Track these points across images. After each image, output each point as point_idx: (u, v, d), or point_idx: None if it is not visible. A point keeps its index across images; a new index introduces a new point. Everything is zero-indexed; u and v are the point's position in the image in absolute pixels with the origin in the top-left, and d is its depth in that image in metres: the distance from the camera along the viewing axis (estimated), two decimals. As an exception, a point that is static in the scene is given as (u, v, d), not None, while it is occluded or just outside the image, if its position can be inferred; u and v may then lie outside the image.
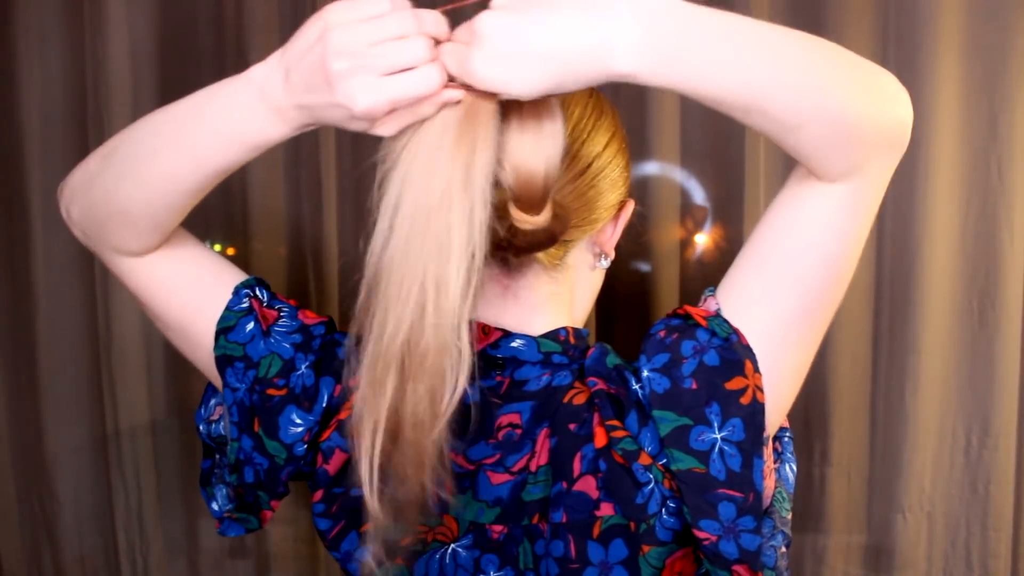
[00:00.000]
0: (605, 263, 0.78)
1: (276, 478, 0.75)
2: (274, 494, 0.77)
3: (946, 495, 1.52)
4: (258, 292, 0.78)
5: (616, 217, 0.77)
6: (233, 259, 1.63)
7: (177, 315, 0.77)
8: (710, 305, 0.70)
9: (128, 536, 1.67)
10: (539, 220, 0.64)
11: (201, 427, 0.83)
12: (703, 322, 0.68)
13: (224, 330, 0.75)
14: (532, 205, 0.63)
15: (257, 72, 0.61)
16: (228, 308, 0.76)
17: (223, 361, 0.75)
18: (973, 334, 1.48)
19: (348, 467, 0.73)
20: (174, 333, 0.79)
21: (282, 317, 0.78)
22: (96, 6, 1.56)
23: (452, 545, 0.72)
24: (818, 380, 1.52)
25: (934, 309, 1.48)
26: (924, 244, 1.47)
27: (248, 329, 0.75)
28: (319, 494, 0.74)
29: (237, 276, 0.79)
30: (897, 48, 1.47)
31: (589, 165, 0.71)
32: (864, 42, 1.47)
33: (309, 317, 0.79)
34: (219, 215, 1.61)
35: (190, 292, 0.77)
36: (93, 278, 1.62)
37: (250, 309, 0.76)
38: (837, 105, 0.58)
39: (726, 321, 0.67)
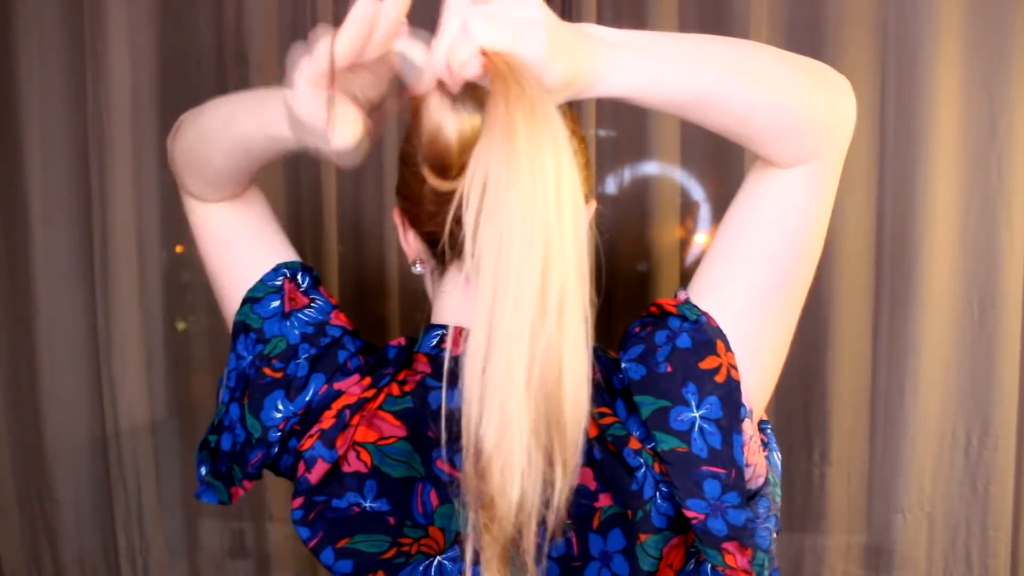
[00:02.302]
0: None
1: (246, 456, 0.76)
2: (245, 472, 0.77)
3: (946, 495, 1.52)
4: (299, 277, 0.81)
5: None
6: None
7: (212, 264, 0.82)
8: (680, 296, 0.73)
9: (128, 536, 1.67)
10: (453, 185, 0.62)
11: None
12: (674, 310, 0.70)
13: (251, 300, 0.78)
14: (444, 170, 0.62)
15: None
16: (262, 280, 0.79)
17: (240, 327, 0.78)
18: (973, 334, 1.48)
19: (334, 479, 0.73)
20: (210, 277, 0.84)
21: (311, 308, 0.80)
22: (96, 6, 1.56)
23: (438, 558, 0.72)
24: (818, 380, 1.52)
25: (934, 309, 1.48)
26: (924, 244, 1.47)
27: (272, 306, 0.78)
28: (299, 501, 0.73)
29: (284, 254, 0.82)
30: (897, 48, 1.47)
31: None
32: (864, 42, 1.47)
33: (339, 319, 0.80)
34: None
35: (229, 250, 0.81)
36: (93, 278, 1.62)
37: (280, 288, 0.78)
38: (782, 90, 0.62)
39: (695, 306, 0.70)
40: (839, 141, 0.67)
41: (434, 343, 0.74)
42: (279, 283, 0.79)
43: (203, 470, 0.84)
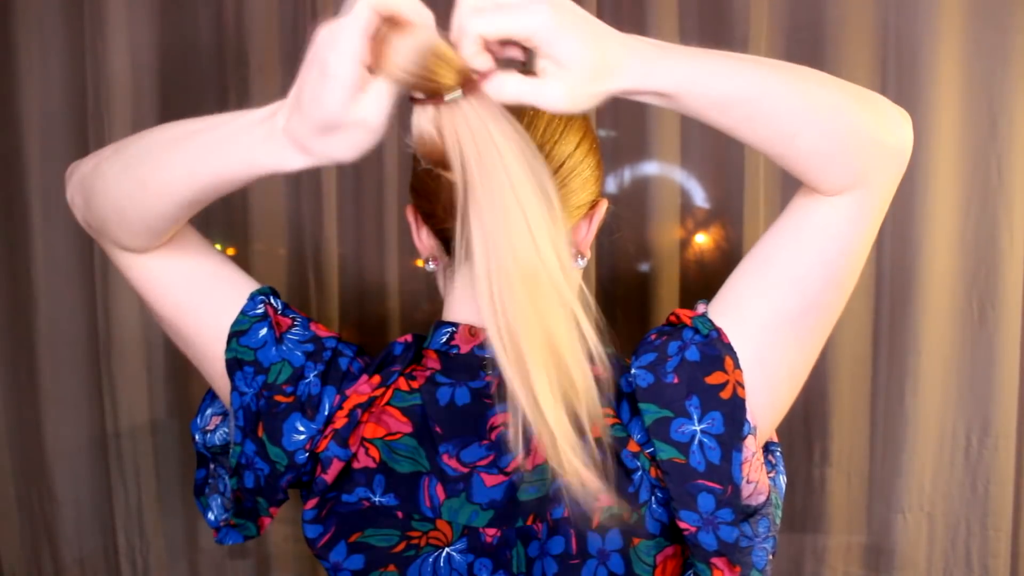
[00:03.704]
0: (582, 263, 0.79)
1: (276, 484, 0.75)
2: (273, 500, 0.76)
3: (946, 495, 1.52)
4: (272, 300, 0.79)
5: (590, 216, 0.78)
6: (233, 259, 1.63)
7: (171, 313, 0.78)
8: (699, 309, 0.73)
9: (128, 537, 1.67)
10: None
11: (197, 437, 0.83)
12: (688, 322, 0.71)
13: (237, 334, 0.75)
14: (448, 167, 0.61)
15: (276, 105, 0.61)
16: (243, 313, 0.76)
17: (233, 364, 0.75)
18: (973, 334, 1.48)
19: (344, 475, 0.73)
20: (168, 329, 0.80)
21: (295, 326, 0.78)
22: (96, 7, 1.56)
23: (447, 549, 0.72)
24: (818, 380, 1.52)
25: (934, 309, 1.48)
26: (924, 244, 1.47)
27: (261, 335, 0.75)
28: (313, 501, 0.73)
29: (243, 282, 0.79)
30: (897, 48, 1.47)
31: (561, 165, 0.73)
32: (864, 42, 1.47)
33: (321, 330, 0.79)
34: (219, 215, 1.61)
35: (184, 293, 0.77)
36: (93, 278, 1.62)
37: (264, 315, 0.76)
38: (830, 111, 0.62)
39: (709, 320, 0.70)
40: (889, 173, 0.67)
41: (444, 340, 0.75)
42: (261, 310, 0.76)
43: (211, 515, 0.83)
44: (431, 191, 0.73)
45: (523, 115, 0.71)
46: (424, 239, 0.78)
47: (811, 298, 0.68)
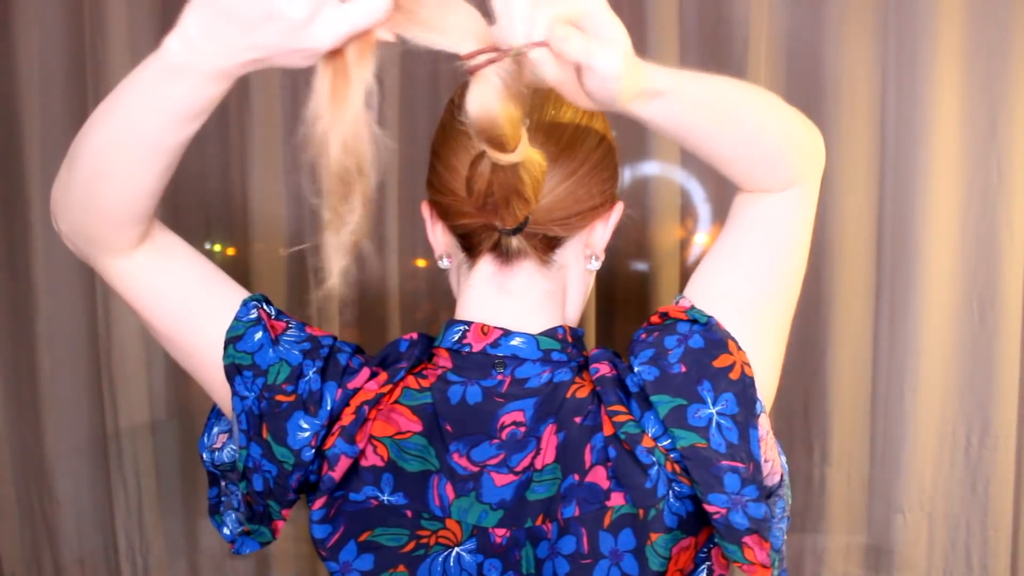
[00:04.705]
0: (596, 264, 0.80)
1: (285, 484, 0.75)
2: (284, 502, 0.77)
3: (946, 495, 1.52)
4: (265, 306, 0.79)
5: (606, 218, 0.78)
6: (234, 260, 1.63)
7: (166, 326, 0.78)
8: (683, 304, 0.74)
9: (128, 536, 1.67)
10: (514, 157, 0.63)
11: (205, 455, 0.84)
12: (682, 316, 0.72)
13: (233, 339, 0.76)
14: (502, 145, 0.62)
15: (173, 42, 0.65)
16: (237, 319, 0.77)
17: (232, 370, 0.76)
18: (973, 334, 1.48)
19: (351, 473, 0.74)
20: (164, 341, 0.80)
21: (290, 328, 0.79)
22: (96, 6, 1.56)
23: (456, 549, 0.73)
24: (818, 380, 1.53)
25: (934, 309, 1.48)
26: (924, 244, 1.47)
27: (257, 338, 0.76)
28: (320, 501, 0.74)
29: (234, 290, 0.79)
30: (897, 48, 1.47)
31: (581, 165, 0.74)
32: (864, 41, 1.47)
33: (316, 331, 0.80)
34: (220, 216, 1.61)
35: (177, 302, 0.77)
36: (93, 278, 1.62)
37: (258, 319, 0.77)
38: (781, 114, 0.72)
39: (702, 311, 0.72)
40: (817, 173, 0.75)
41: (456, 338, 0.75)
42: (254, 315, 0.77)
43: (227, 531, 0.84)
44: (451, 188, 0.73)
45: (544, 115, 0.74)
46: (439, 235, 0.79)
47: (783, 279, 0.74)
